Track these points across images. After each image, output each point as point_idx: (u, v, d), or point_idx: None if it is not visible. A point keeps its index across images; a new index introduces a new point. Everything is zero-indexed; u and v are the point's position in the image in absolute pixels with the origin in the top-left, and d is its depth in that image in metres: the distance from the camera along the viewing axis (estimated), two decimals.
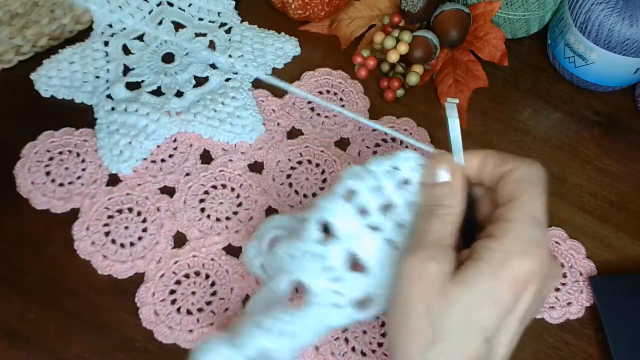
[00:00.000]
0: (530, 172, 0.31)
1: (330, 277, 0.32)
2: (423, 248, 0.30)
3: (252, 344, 0.30)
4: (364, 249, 0.32)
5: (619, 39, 0.47)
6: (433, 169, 0.33)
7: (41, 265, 0.42)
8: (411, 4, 0.50)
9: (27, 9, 0.47)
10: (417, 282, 0.29)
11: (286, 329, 0.31)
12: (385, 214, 0.33)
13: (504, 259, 0.29)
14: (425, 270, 0.29)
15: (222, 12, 0.54)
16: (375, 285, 0.32)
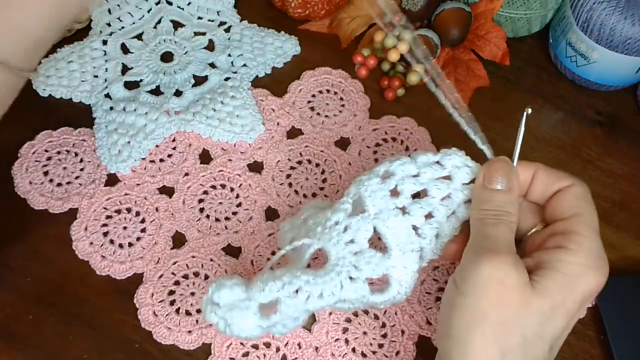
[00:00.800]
0: (586, 190, 0.33)
1: (351, 249, 0.33)
2: (502, 253, 0.30)
3: (266, 292, 0.31)
4: (389, 228, 0.33)
5: (620, 38, 0.47)
6: (495, 173, 0.33)
7: (39, 265, 0.41)
8: (412, 3, 0.50)
9: None
10: (496, 288, 0.29)
11: (302, 287, 0.31)
12: (418, 202, 0.34)
13: (580, 272, 0.30)
14: (507, 277, 0.29)
15: (222, 11, 0.54)
16: (393, 268, 0.33)
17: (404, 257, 0.33)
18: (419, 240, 0.33)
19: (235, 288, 0.31)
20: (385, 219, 0.33)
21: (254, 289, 0.31)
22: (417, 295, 0.41)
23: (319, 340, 0.39)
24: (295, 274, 0.32)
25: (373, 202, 0.33)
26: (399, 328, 0.40)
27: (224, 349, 0.39)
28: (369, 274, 0.32)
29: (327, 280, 0.32)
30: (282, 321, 0.32)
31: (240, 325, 0.31)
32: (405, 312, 0.41)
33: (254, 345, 0.39)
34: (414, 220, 0.33)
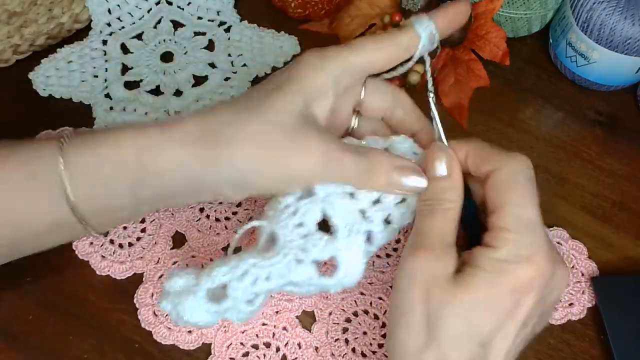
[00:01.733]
0: (514, 171, 0.31)
1: (300, 232, 0.33)
2: (426, 248, 0.30)
3: (212, 277, 0.31)
4: (336, 211, 0.33)
5: (620, 38, 0.47)
6: (431, 162, 0.33)
7: (40, 265, 0.41)
8: (412, 3, 0.50)
9: (25, 7, 0.47)
10: (419, 282, 0.29)
11: (249, 270, 0.32)
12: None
13: (502, 268, 0.29)
14: (428, 271, 0.29)
15: (222, 11, 0.54)
16: (340, 250, 0.33)
17: (351, 239, 0.33)
18: (366, 223, 0.33)
19: (186, 275, 0.32)
20: (332, 202, 0.33)
21: (201, 274, 0.32)
22: None
23: (318, 340, 0.39)
24: (242, 257, 0.32)
25: (322, 186, 0.33)
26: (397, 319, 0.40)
27: (224, 349, 0.39)
28: (316, 256, 0.32)
29: (274, 262, 0.32)
30: (235, 306, 0.32)
31: (190, 311, 0.31)
32: None
33: (253, 345, 0.39)
34: (361, 204, 0.33)
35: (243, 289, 0.32)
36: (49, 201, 0.32)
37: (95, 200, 0.32)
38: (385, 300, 0.41)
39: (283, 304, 0.40)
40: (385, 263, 0.42)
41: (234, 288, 0.32)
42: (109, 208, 0.33)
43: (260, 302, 0.33)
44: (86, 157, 0.32)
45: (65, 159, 0.31)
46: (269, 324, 0.40)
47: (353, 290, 0.41)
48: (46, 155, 0.32)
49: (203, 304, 0.31)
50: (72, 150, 0.32)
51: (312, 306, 0.41)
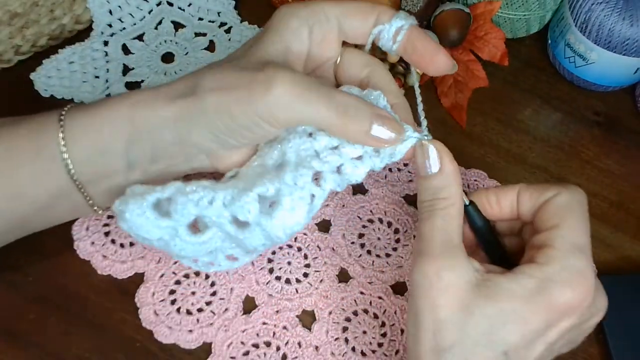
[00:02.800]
0: (571, 197, 0.31)
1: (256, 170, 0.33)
2: (433, 256, 0.29)
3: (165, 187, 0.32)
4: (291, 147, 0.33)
5: (619, 38, 0.47)
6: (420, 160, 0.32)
7: (41, 265, 0.41)
8: (411, 4, 0.50)
9: (26, 8, 0.47)
10: (429, 291, 0.29)
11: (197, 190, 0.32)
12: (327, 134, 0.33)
13: (543, 286, 0.28)
14: (440, 281, 0.29)
15: (222, 12, 0.54)
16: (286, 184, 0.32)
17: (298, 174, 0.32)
18: (317, 162, 0.32)
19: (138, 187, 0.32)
20: (290, 139, 0.33)
21: (156, 188, 0.32)
22: None
23: (319, 339, 0.40)
24: (199, 182, 0.32)
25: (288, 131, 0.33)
26: (399, 327, 0.40)
27: (225, 348, 0.39)
28: (261, 189, 0.31)
29: (222, 187, 0.32)
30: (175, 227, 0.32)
31: (135, 218, 0.31)
32: (405, 311, 0.41)
33: (254, 344, 0.39)
34: (317, 145, 0.33)
35: (184, 205, 0.31)
36: (52, 172, 0.33)
37: (92, 165, 0.33)
38: (385, 300, 0.41)
39: (283, 303, 0.41)
40: (385, 263, 0.43)
41: (177, 202, 0.31)
42: (105, 172, 0.34)
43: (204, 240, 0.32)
44: (84, 122, 0.33)
45: (65, 127, 0.33)
46: (269, 323, 0.40)
47: (353, 289, 0.41)
48: (48, 128, 0.33)
49: (148, 212, 0.31)
50: (71, 118, 0.33)
51: (312, 305, 0.41)
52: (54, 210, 0.35)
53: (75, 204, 0.35)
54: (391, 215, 0.45)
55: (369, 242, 0.44)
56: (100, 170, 0.34)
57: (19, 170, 0.33)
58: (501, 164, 0.49)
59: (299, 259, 0.42)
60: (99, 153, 0.33)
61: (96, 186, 0.34)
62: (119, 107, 0.33)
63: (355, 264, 0.42)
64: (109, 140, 0.33)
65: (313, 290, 0.41)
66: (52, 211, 0.35)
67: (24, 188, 0.33)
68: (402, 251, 0.43)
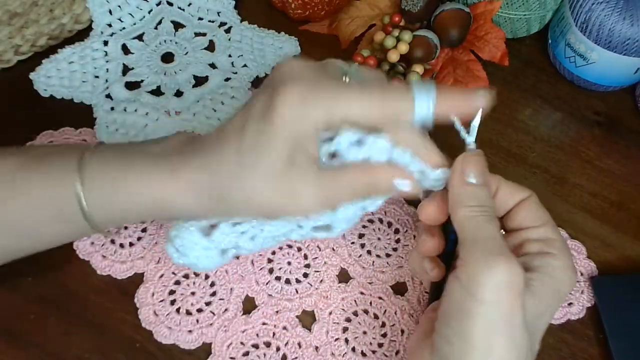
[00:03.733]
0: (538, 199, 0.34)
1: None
2: (512, 257, 0.29)
3: (227, 242, 0.35)
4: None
5: (619, 38, 0.47)
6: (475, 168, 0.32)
7: (41, 265, 0.41)
8: (411, 4, 0.50)
9: (26, 8, 0.47)
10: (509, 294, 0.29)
11: (257, 235, 0.35)
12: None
13: (564, 275, 0.32)
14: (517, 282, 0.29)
15: (222, 12, 0.54)
16: (337, 220, 0.35)
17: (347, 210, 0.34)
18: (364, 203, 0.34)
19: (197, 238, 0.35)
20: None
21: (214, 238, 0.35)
22: (417, 295, 0.41)
23: (319, 339, 0.40)
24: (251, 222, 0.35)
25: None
26: (399, 327, 0.40)
27: (224, 349, 0.39)
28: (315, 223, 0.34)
29: (279, 227, 0.35)
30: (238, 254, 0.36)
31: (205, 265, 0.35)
32: (405, 312, 0.41)
33: (254, 345, 0.39)
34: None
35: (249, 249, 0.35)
36: (71, 224, 0.34)
37: (110, 221, 0.35)
38: (385, 300, 0.41)
39: (283, 303, 0.41)
40: (385, 263, 0.43)
41: (244, 248, 0.35)
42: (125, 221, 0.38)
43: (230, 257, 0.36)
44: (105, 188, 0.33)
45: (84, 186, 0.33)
46: (269, 323, 0.40)
47: (353, 290, 0.41)
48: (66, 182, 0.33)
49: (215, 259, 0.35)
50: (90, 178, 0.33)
51: (312, 306, 0.41)
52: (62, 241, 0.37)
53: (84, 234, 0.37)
54: (391, 215, 0.45)
55: (369, 242, 0.43)
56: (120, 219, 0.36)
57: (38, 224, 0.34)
58: (501, 164, 0.48)
59: (299, 259, 0.42)
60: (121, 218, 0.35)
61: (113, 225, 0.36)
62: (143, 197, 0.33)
63: (355, 264, 0.42)
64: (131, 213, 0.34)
65: (313, 291, 0.41)
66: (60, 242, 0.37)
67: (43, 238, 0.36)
68: (402, 251, 0.43)
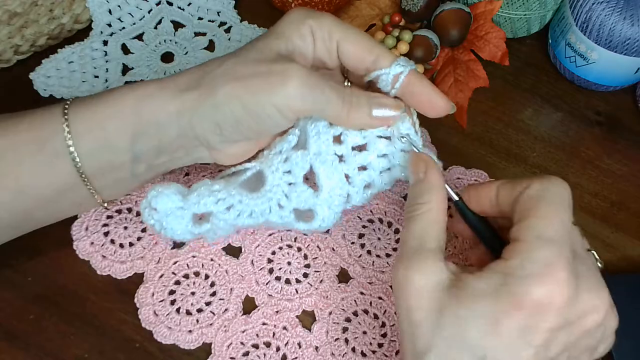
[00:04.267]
0: (543, 188, 0.30)
1: (287, 179, 0.36)
2: (404, 258, 0.30)
3: (200, 205, 0.35)
4: (324, 171, 0.36)
5: (619, 38, 0.47)
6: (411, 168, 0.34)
7: (41, 265, 0.41)
8: (412, 3, 0.50)
9: (25, 8, 0.47)
10: (403, 294, 0.30)
11: (234, 205, 0.35)
12: (356, 155, 0.36)
13: (507, 283, 0.27)
14: (410, 284, 0.29)
15: (222, 11, 0.54)
16: (319, 206, 0.36)
17: (331, 199, 0.36)
18: (348, 187, 0.37)
19: (173, 196, 0.35)
20: (322, 162, 0.36)
21: (190, 199, 0.35)
22: None
23: (319, 339, 0.40)
24: (230, 191, 0.35)
25: (316, 143, 0.35)
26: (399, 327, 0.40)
27: (224, 349, 0.39)
28: (296, 205, 0.36)
29: (258, 203, 0.35)
30: (213, 230, 0.36)
31: (175, 229, 0.35)
32: None
33: (254, 345, 0.39)
34: (347, 169, 0.36)
35: (225, 220, 0.35)
36: (57, 165, 0.33)
37: (98, 159, 0.34)
38: (385, 300, 0.41)
39: (283, 303, 0.41)
40: (385, 263, 0.43)
41: (218, 218, 0.35)
42: (110, 166, 0.35)
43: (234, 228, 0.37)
44: (88, 116, 0.33)
45: (70, 121, 0.33)
46: (269, 323, 0.40)
47: (353, 290, 0.41)
48: (51, 121, 0.33)
49: (188, 225, 0.35)
50: (75, 112, 0.34)
51: (312, 306, 0.41)
52: (58, 204, 0.35)
53: (80, 197, 0.36)
54: (391, 215, 0.45)
55: (369, 242, 0.43)
56: (106, 163, 0.34)
57: (22, 166, 0.33)
58: (502, 164, 0.48)
59: (299, 259, 0.42)
60: (105, 148, 0.34)
61: (101, 179, 0.35)
62: (124, 102, 0.33)
63: (355, 264, 0.42)
64: (114, 136, 0.33)
65: (313, 291, 0.41)
66: (56, 205, 0.35)
67: (27, 183, 0.34)
68: None
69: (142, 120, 0.33)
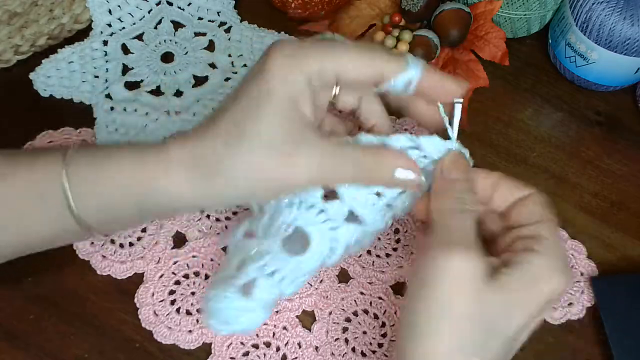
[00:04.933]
0: (545, 199, 0.33)
1: (330, 226, 0.34)
2: (462, 246, 0.30)
3: (265, 296, 0.33)
4: (364, 209, 0.34)
5: (620, 38, 0.47)
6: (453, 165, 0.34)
7: (41, 265, 0.41)
8: (411, 3, 0.50)
9: (26, 8, 0.47)
10: (455, 282, 0.29)
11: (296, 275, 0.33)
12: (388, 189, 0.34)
13: (545, 274, 0.30)
14: (464, 270, 0.29)
15: (222, 11, 0.54)
16: (365, 232, 0.35)
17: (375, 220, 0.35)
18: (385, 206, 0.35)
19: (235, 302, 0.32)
20: (359, 202, 0.34)
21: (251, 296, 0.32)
22: None
23: (319, 339, 0.40)
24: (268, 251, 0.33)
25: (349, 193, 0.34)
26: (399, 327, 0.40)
27: (224, 349, 0.39)
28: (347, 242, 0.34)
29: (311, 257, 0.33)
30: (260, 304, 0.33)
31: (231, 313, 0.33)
32: None
33: (254, 345, 0.39)
34: (387, 200, 0.34)
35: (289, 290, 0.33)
36: (55, 213, 0.33)
37: (100, 214, 0.33)
38: (385, 300, 0.41)
39: (283, 303, 0.41)
40: (385, 263, 0.43)
41: (282, 294, 0.33)
42: (115, 220, 0.34)
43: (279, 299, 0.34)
44: (91, 179, 0.32)
45: (69, 176, 0.32)
46: (269, 323, 0.40)
47: (353, 290, 0.41)
48: (51, 170, 0.32)
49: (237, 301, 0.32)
50: (75, 167, 0.32)
51: (312, 306, 0.41)
52: (54, 241, 0.36)
53: (78, 236, 0.36)
54: None
55: None
56: (110, 219, 0.34)
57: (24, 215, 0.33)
58: (502, 164, 0.48)
59: None
60: (109, 209, 0.33)
61: (104, 227, 0.34)
62: (130, 172, 0.32)
63: (355, 264, 0.42)
64: (117, 198, 0.32)
65: (313, 291, 0.41)
66: (52, 242, 0.36)
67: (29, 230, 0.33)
68: (402, 251, 0.43)
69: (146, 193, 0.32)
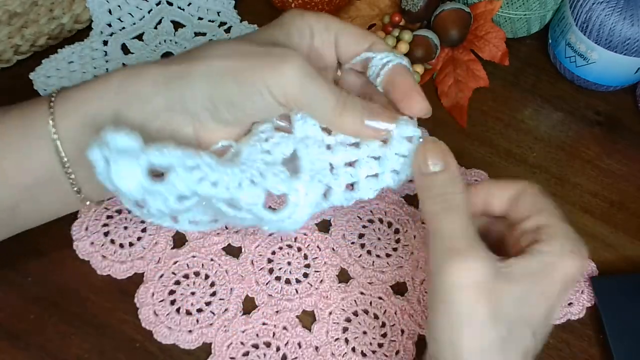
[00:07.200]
0: (539, 187, 0.33)
1: (265, 158, 0.32)
2: (455, 252, 0.29)
3: (163, 154, 0.29)
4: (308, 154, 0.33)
5: (620, 38, 0.47)
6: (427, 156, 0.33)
7: (41, 265, 0.41)
8: (411, 3, 0.50)
9: (25, 8, 0.47)
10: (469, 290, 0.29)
11: (200, 166, 0.29)
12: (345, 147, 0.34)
13: (556, 260, 0.30)
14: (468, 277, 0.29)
15: (222, 11, 0.54)
16: (295, 191, 0.32)
17: (310, 185, 0.32)
18: (330, 177, 0.34)
19: (134, 137, 0.29)
20: (307, 145, 0.33)
21: (153, 146, 0.29)
22: (417, 295, 0.41)
23: (319, 339, 0.40)
24: (199, 153, 0.30)
25: (302, 127, 0.33)
26: (399, 327, 0.40)
27: (224, 349, 0.39)
28: (271, 185, 0.31)
29: (228, 172, 0.30)
30: (165, 194, 0.29)
31: (123, 174, 0.28)
32: (405, 312, 0.41)
33: (254, 345, 0.39)
34: (333, 159, 0.34)
35: (185, 181, 0.29)
36: (38, 151, 0.32)
37: (78, 142, 0.32)
38: (386, 300, 0.41)
39: (283, 303, 0.41)
40: (385, 263, 0.43)
41: (178, 176, 0.29)
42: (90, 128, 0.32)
43: (187, 207, 0.31)
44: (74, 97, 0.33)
45: (55, 104, 0.32)
46: (269, 323, 0.40)
47: (353, 290, 0.41)
48: (38, 107, 0.33)
49: (140, 175, 0.28)
50: (61, 96, 0.33)
51: (312, 306, 0.41)
52: (41, 198, 0.34)
53: (64, 192, 0.35)
54: (391, 215, 0.45)
55: (369, 242, 0.43)
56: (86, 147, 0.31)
57: (6, 152, 0.33)
58: (502, 164, 0.48)
59: (299, 259, 0.42)
60: (86, 129, 0.32)
61: (82, 169, 0.33)
62: (109, 80, 0.33)
63: (355, 264, 0.42)
64: (97, 113, 0.32)
65: (313, 291, 0.41)
66: (40, 200, 0.34)
67: (10, 173, 0.33)
68: (402, 251, 0.43)
69: (126, 94, 0.31)
